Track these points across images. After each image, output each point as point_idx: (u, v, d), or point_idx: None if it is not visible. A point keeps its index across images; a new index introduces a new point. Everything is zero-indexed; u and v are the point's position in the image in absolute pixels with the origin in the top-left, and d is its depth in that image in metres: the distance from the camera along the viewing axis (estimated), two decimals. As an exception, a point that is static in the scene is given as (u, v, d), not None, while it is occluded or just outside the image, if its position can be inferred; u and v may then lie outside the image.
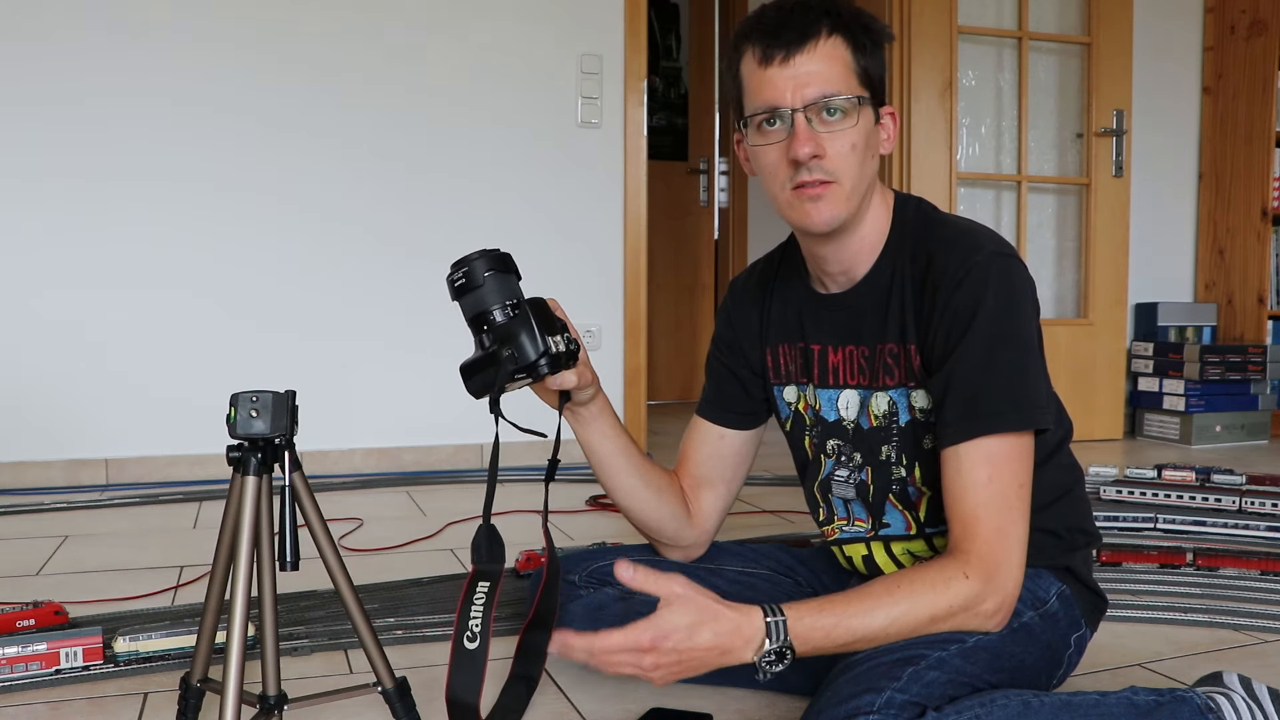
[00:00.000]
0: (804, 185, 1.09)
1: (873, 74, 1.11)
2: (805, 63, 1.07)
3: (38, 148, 2.71)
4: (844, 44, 1.09)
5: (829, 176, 1.09)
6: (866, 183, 1.13)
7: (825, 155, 1.08)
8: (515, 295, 1.09)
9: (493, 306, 1.07)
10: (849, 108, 1.08)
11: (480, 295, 1.07)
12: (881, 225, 1.18)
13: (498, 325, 1.07)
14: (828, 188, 1.09)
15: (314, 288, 2.93)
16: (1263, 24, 3.77)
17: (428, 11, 3.01)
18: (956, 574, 1.03)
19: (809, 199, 1.10)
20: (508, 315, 1.08)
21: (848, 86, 1.08)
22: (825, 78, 1.07)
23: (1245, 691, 1.07)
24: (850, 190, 1.10)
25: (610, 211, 3.22)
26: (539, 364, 1.08)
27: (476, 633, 1.06)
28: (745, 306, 1.33)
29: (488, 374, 1.07)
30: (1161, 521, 2.19)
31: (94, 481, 2.78)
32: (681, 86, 5.23)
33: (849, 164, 1.09)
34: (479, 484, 2.86)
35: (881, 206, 1.18)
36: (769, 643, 0.98)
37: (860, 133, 1.10)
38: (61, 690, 1.32)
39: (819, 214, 1.10)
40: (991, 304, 1.07)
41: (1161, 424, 3.77)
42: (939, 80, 3.43)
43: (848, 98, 1.08)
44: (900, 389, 1.17)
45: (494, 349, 1.07)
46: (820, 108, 1.08)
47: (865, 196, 1.14)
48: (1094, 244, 3.63)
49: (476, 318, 1.08)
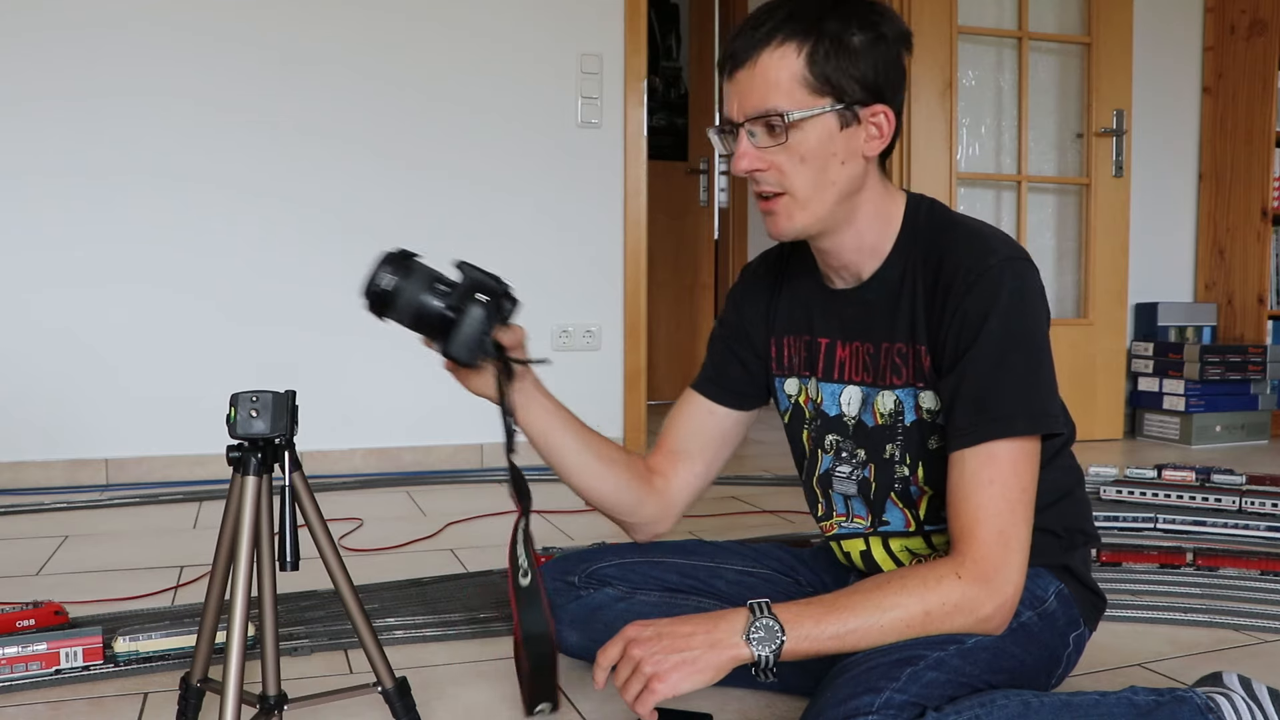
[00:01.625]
0: (759, 197, 1.13)
1: (838, 78, 1.07)
2: (746, 78, 1.09)
3: (37, 147, 2.71)
4: (795, 53, 1.07)
5: (778, 188, 1.11)
6: (834, 191, 1.11)
7: (769, 169, 1.10)
8: (436, 272, 1.10)
9: (423, 295, 1.08)
10: (793, 121, 1.07)
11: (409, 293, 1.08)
12: (887, 225, 1.17)
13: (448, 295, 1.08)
14: (779, 200, 1.11)
15: (314, 287, 2.93)
16: (1263, 24, 3.77)
17: (429, 11, 3.01)
18: (948, 573, 1.04)
19: (766, 212, 1.14)
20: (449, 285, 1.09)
21: (791, 100, 1.07)
22: (764, 93, 1.07)
23: (1245, 691, 1.07)
24: (806, 200, 1.11)
25: (610, 211, 3.23)
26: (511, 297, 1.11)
27: (525, 567, 1.15)
28: (755, 294, 1.33)
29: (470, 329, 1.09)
30: (1161, 521, 2.19)
31: (94, 481, 2.78)
32: (681, 86, 5.23)
33: (799, 176, 1.10)
34: (479, 484, 2.86)
35: (887, 206, 1.17)
36: (754, 619, 1.00)
37: (811, 142, 1.08)
38: (61, 690, 1.32)
39: (774, 226, 1.14)
40: (1003, 309, 1.07)
41: (1161, 424, 3.77)
42: (939, 80, 3.43)
43: (788, 112, 1.07)
44: (908, 389, 1.16)
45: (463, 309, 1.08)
46: (761, 122, 1.08)
47: (841, 202, 1.13)
48: (1094, 244, 3.63)
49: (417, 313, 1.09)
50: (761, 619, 1.00)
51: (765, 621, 1.00)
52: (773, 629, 1.00)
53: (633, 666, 1.00)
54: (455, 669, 1.41)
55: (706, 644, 1.00)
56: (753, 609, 1.02)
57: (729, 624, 1.01)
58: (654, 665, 0.99)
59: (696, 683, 0.99)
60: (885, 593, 1.03)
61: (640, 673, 0.99)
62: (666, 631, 1.01)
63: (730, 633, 1.00)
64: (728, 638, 1.00)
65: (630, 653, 1.01)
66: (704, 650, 1.00)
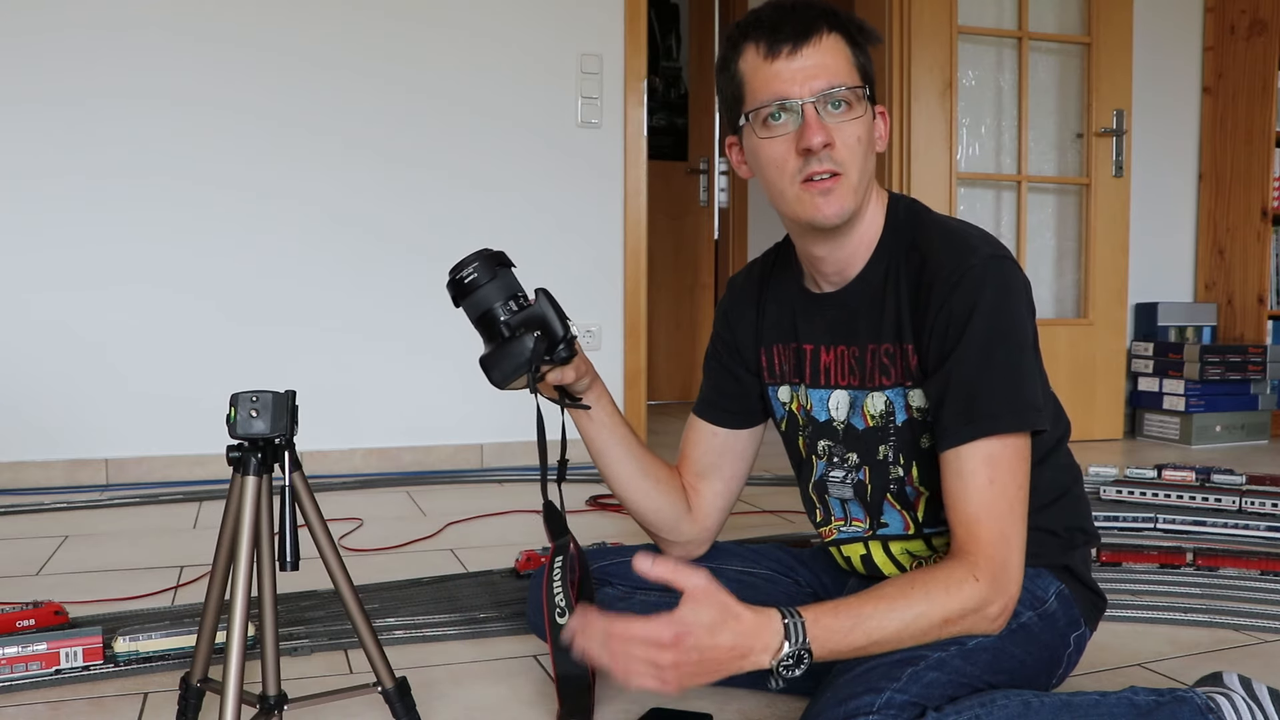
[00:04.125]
0: (812, 179, 1.09)
1: (868, 71, 1.13)
2: (812, 54, 1.09)
3: (37, 147, 2.71)
4: (843, 40, 1.11)
5: (838, 168, 1.09)
6: (869, 178, 1.14)
7: (835, 146, 1.09)
8: (519, 288, 1.14)
9: (496, 303, 1.12)
10: (854, 100, 1.10)
11: (484, 294, 1.12)
12: (877, 224, 1.18)
13: (516, 314, 1.12)
14: (837, 180, 1.10)
15: (314, 287, 2.93)
16: (1263, 24, 3.77)
17: (428, 10, 3.01)
18: (967, 576, 1.03)
19: (819, 192, 1.10)
20: (521, 305, 1.13)
21: (852, 79, 1.10)
22: (833, 70, 1.09)
23: (1245, 691, 1.07)
24: (856, 183, 1.11)
25: (610, 211, 3.22)
26: (568, 341, 1.13)
27: (564, 607, 1.17)
28: (742, 305, 1.34)
29: (512, 360, 1.12)
30: (1161, 521, 2.19)
31: (94, 481, 2.78)
32: (681, 86, 5.23)
33: (856, 156, 1.10)
34: (479, 484, 2.86)
35: (878, 205, 1.19)
36: (788, 645, 0.96)
37: (865, 125, 1.11)
38: (61, 690, 1.32)
39: (829, 206, 1.10)
40: (987, 307, 1.07)
41: (1161, 424, 3.77)
42: (939, 80, 3.43)
43: (854, 89, 1.10)
44: (897, 389, 1.17)
45: (519, 335, 1.12)
46: (829, 99, 1.09)
47: (867, 193, 1.15)
48: (1094, 244, 3.63)
49: (483, 315, 1.13)
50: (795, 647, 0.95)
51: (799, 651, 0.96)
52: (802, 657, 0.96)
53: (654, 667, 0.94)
54: (455, 669, 1.41)
55: (735, 664, 0.96)
56: (788, 634, 0.96)
57: (764, 647, 0.96)
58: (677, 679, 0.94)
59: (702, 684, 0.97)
60: (911, 601, 1.01)
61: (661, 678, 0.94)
62: (706, 656, 0.94)
63: (762, 656, 0.96)
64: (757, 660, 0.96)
65: (659, 658, 0.93)
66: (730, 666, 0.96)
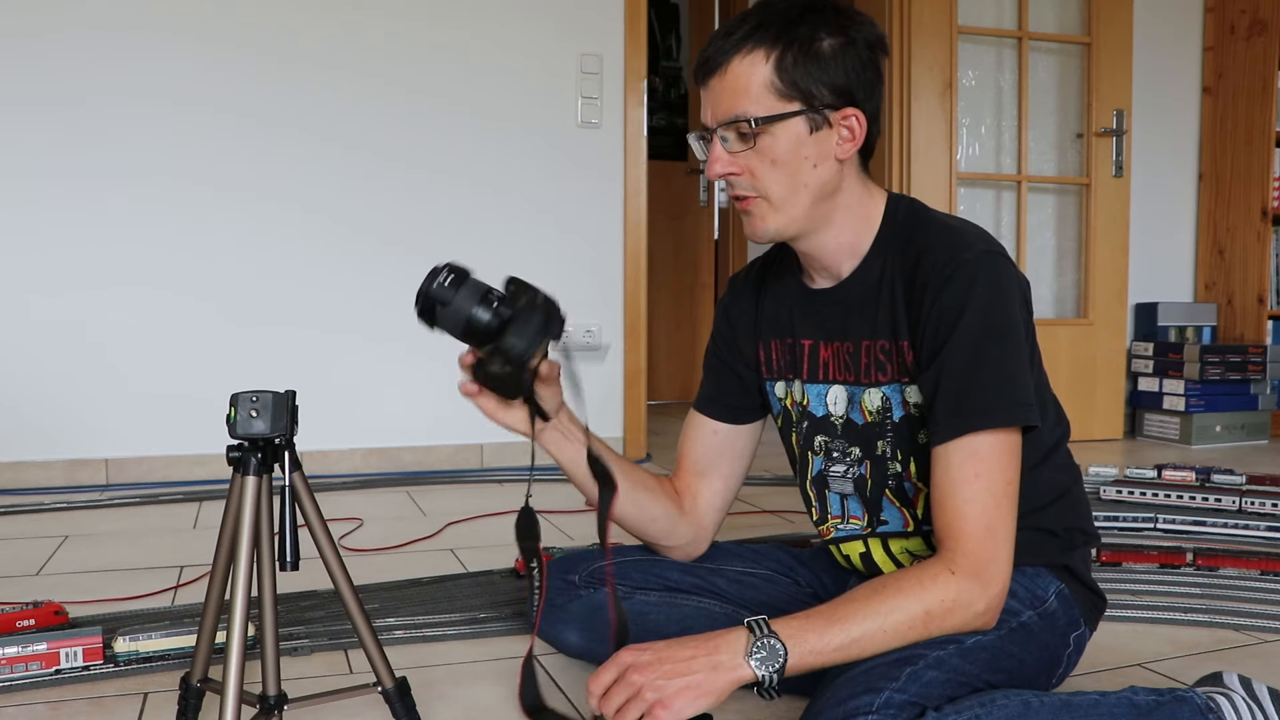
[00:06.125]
0: (735, 200, 1.16)
1: (806, 84, 1.09)
2: (718, 85, 1.11)
3: (37, 148, 2.71)
4: (764, 59, 1.08)
5: (752, 191, 1.13)
6: (809, 193, 1.13)
7: (742, 173, 1.12)
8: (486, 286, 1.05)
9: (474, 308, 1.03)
10: (761, 126, 1.09)
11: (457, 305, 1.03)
12: (866, 225, 1.18)
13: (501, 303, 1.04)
14: (753, 202, 1.14)
15: (314, 288, 2.94)
16: (1263, 24, 3.77)
17: (428, 11, 3.01)
18: (941, 570, 1.04)
19: (743, 213, 1.16)
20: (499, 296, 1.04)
21: (759, 105, 1.09)
22: (734, 99, 1.10)
23: (1245, 691, 1.07)
24: (780, 203, 1.12)
25: (610, 211, 3.23)
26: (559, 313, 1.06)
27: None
28: (742, 301, 1.34)
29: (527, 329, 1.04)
30: (1161, 521, 2.19)
31: (94, 481, 2.78)
32: (681, 86, 5.23)
33: (771, 179, 1.12)
34: (479, 484, 2.86)
35: (867, 206, 1.18)
36: (755, 638, 0.98)
37: (781, 147, 1.10)
38: (61, 690, 1.32)
39: (751, 228, 1.16)
40: (979, 302, 1.07)
41: (1161, 424, 3.77)
42: (939, 80, 3.43)
43: (756, 117, 1.09)
44: (894, 384, 1.17)
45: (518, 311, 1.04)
46: (732, 128, 1.11)
47: (816, 204, 1.14)
48: (1094, 244, 3.63)
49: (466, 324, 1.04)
50: (762, 638, 0.98)
51: (766, 641, 0.98)
52: (775, 649, 0.98)
53: (631, 692, 0.96)
54: (455, 669, 1.41)
55: (708, 667, 0.97)
56: (752, 628, 0.99)
57: (730, 645, 0.99)
58: (656, 691, 0.95)
59: (700, 707, 0.96)
60: (884, 597, 1.02)
61: (641, 699, 0.96)
62: (666, 655, 0.98)
63: (732, 654, 0.98)
64: (729, 659, 0.98)
65: (629, 678, 0.97)
66: (706, 674, 0.97)
